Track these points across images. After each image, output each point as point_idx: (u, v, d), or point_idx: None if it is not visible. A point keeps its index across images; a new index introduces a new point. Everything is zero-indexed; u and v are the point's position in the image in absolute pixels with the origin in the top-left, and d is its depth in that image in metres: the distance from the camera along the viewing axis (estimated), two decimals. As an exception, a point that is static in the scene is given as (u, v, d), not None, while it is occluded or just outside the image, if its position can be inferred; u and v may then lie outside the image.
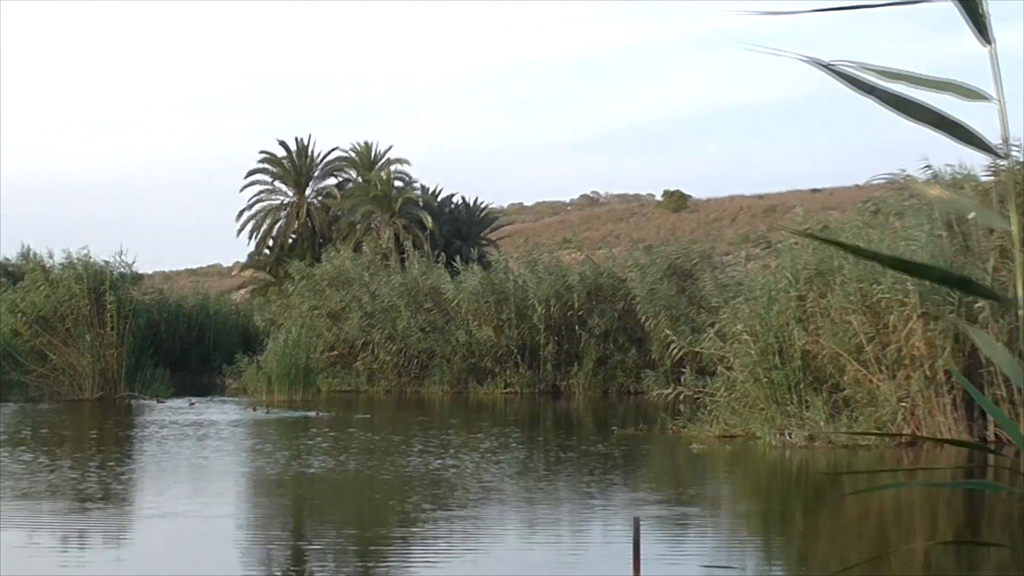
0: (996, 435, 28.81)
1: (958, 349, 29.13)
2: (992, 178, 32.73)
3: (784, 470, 27.76)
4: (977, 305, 28.94)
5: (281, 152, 76.37)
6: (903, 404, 29.36)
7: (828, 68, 3.28)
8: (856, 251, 3.78)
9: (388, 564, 16.80)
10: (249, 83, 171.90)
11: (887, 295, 29.75)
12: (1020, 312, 3.40)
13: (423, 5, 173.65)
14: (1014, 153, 31.51)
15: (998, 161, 29.79)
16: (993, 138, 3.46)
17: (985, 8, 3.27)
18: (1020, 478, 20.04)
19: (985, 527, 19.72)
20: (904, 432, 29.11)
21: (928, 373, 29.28)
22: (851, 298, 30.46)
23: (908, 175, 33.77)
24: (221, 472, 26.15)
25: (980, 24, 3.27)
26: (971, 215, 3.43)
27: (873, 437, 28.93)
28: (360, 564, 16.92)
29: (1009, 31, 3.39)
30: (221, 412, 41.01)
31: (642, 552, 14.11)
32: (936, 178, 33.66)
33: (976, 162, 33.44)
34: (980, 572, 15.99)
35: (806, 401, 30.55)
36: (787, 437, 29.84)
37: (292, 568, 16.60)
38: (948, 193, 3.71)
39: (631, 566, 13.96)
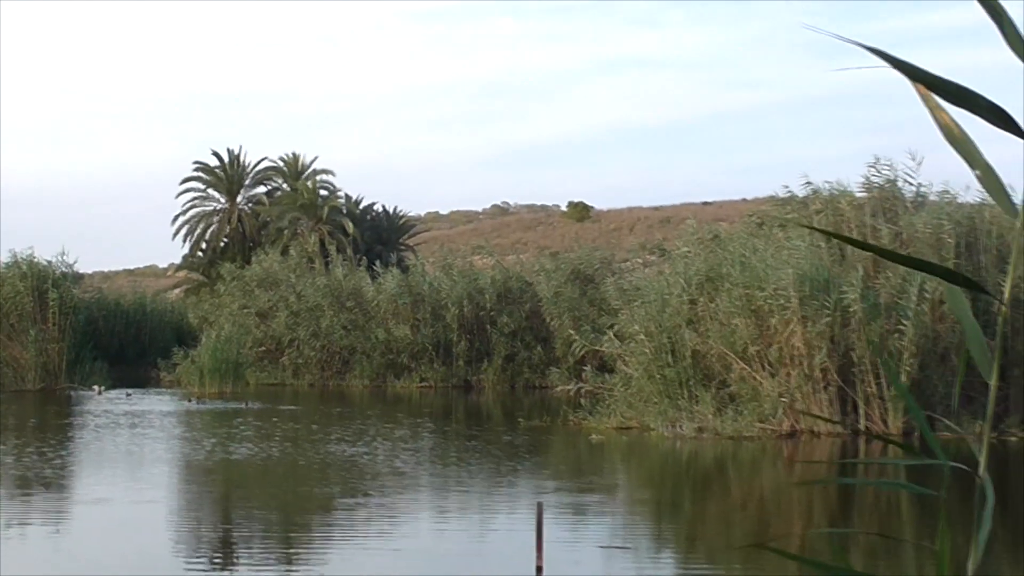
0: (867, 427, 29.11)
1: (833, 349, 29.37)
2: (866, 194, 33.09)
3: (675, 459, 27.84)
4: (852, 309, 29.17)
5: (214, 162, 75.83)
6: (784, 399, 29.57)
7: (889, 58, 3.04)
8: (868, 247, 3.37)
9: (309, 547, 16.60)
10: (186, 96, 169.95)
11: (770, 300, 29.92)
12: (1003, 307, 3.25)
13: (351, 26, 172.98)
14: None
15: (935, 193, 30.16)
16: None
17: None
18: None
19: (855, 514, 19.85)
20: (784, 424, 29.32)
21: (807, 371, 29.49)
22: (737, 303, 30.61)
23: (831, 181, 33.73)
24: (154, 459, 25.74)
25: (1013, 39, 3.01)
26: (977, 172, 3.17)
27: (756, 429, 29.04)
28: (282, 548, 16.69)
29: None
30: (156, 403, 40.51)
31: (544, 534, 14.04)
32: (816, 193, 33.89)
33: (852, 180, 33.74)
34: (850, 555, 16.06)
35: (696, 396, 30.67)
36: (678, 429, 29.94)
37: (218, 551, 16.34)
38: (961, 132, 3.22)
39: (535, 547, 13.89)
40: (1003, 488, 23.85)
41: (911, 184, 33.18)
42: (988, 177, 3.19)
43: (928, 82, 3.05)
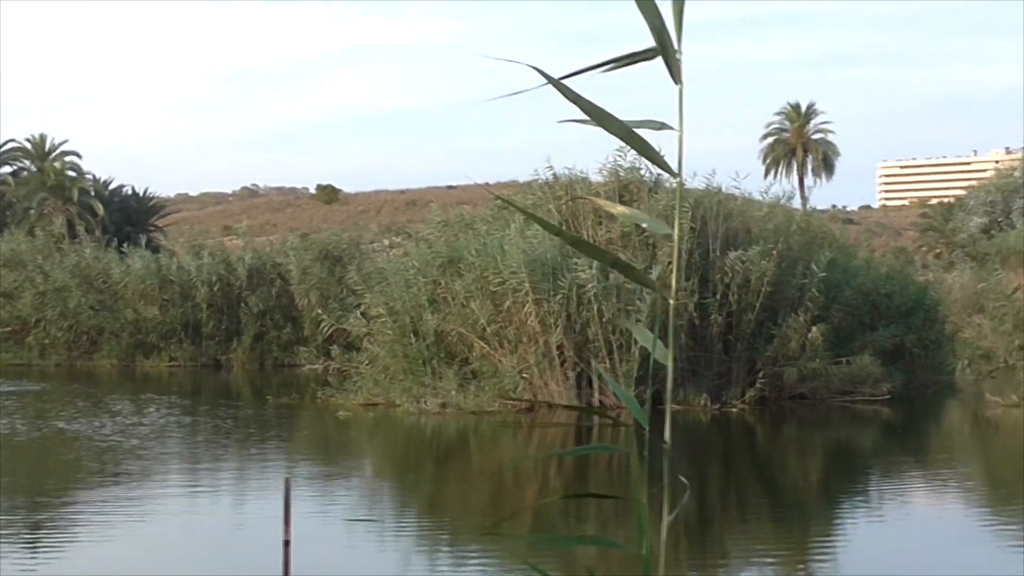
0: (600, 401, 29.80)
1: (569, 328, 29.91)
2: (602, 179, 33.69)
3: (419, 433, 28.01)
4: (585, 288, 29.75)
5: (-45, 141, 72.92)
6: (523, 376, 30.03)
7: (545, 75, 3.27)
8: (551, 229, 3.88)
9: (59, 536, 16.11)
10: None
11: (504, 283, 30.24)
12: (672, 302, 3.59)
13: (100, 7, 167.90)
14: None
15: (672, 179, 30.96)
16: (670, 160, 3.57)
17: (680, 55, 3.35)
18: (634, 437, 20.80)
19: (591, 480, 20.32)
20: (525, 399, 29.78)
21: (543, 349, 29.99)
22: (474, 285, 30.88)
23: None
24: None
25: (674, 68, 3.37)
26: (644, 224, 3.67)
27: (497, 403, 29.42)
28: (26, 539, 16.15)
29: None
30: None
31: (292, 509, 13.94)
32: (556, 178, 34.27)
33: (589, 166, 34.38)
34: (586, 521, 16.44)
35: (439, 373, 30.89)
36: (422, 405, 30.11)
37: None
38: (628, 210, 3.93)
39: (283, 521, 13.78)
40: (714, 452, 24.78)
41: (650, 171, 33.81)
42: (652, 224, 4.01)
43: (574, 100, 3.31)
